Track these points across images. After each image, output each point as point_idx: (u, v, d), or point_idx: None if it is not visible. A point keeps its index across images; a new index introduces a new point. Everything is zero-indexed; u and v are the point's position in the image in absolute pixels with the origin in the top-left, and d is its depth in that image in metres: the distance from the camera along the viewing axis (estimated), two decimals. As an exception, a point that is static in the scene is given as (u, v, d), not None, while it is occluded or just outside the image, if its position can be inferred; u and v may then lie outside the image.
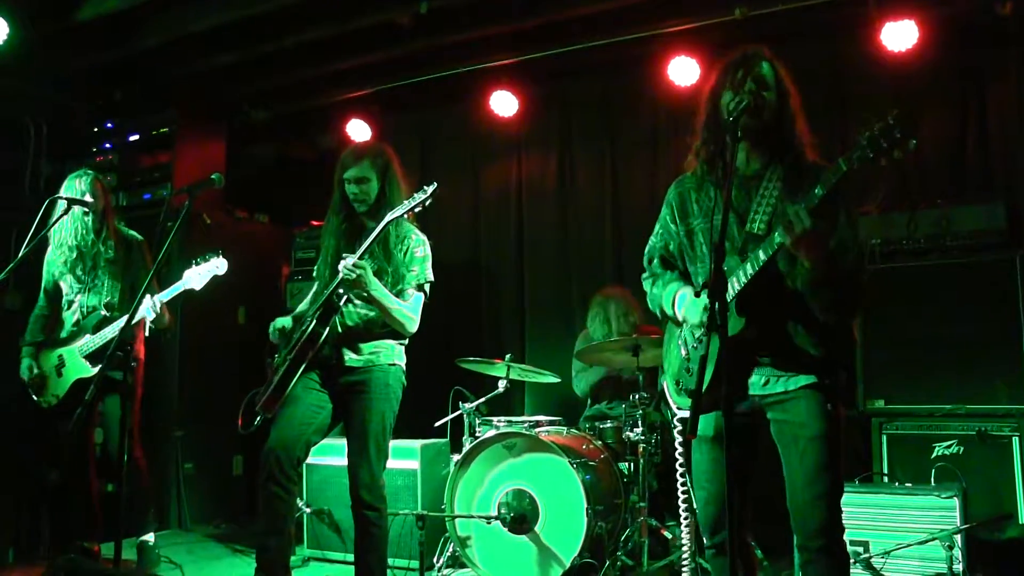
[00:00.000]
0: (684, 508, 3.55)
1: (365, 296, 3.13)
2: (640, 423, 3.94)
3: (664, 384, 2.60)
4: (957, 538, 3.27)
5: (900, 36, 4.45)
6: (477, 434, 4.14)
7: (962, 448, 3.84)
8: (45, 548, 4.57)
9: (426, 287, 3.32)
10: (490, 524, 3.92)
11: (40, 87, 5.43)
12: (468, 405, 4.29)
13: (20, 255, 3.44)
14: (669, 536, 4.05)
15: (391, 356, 3.29)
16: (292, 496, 3.18)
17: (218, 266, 3.66)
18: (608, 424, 4.31)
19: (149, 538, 4.13)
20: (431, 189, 3.09)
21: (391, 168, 3.33)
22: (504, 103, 5.53)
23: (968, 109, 4.68)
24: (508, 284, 5.91)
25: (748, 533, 2.51)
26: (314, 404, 3.23)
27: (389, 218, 3.12)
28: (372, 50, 5.27)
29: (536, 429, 4.04)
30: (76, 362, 3.91)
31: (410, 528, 4.01)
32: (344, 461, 3.25)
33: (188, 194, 3.15)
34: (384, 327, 3.25)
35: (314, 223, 5.53)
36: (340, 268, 3.06)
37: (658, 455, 4.09)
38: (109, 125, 5.81)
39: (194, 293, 3.70)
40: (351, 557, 3.40)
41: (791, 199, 2.22)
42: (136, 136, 5.69)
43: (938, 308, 3.96)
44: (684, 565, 3.52)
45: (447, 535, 4.10)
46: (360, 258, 3.07)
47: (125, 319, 3.14)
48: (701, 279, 2.45)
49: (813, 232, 2.07)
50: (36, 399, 4.03)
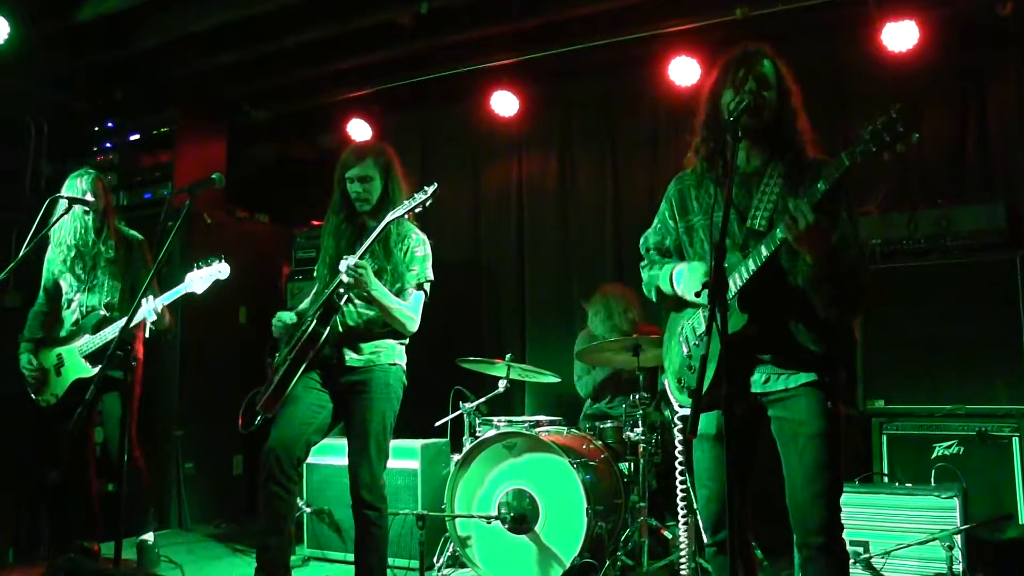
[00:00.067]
0: (683, 507, 3.55)
1: (365, 296, 3.12)
2: (640, 423, 3.94)
3: (666, 382, 2.60)
4: (957, 538, 3.27)
5: (900, 36, 4.46)
6: (477, 434, 4.15)
7: (962, 448, 3.85)
8: (45, 548, 4.57)
9: (426, 286, 3.32)
10: (490, 524, 3.92)
11: (41, 87, 5.43)
12: (468, 405, 4.30)
13: (20, 255, 3.45)
14: (669, 536, 4.04)
15: (392, 356, 3.29)
16: (292, 496, 3.18)
17: (220, 271, 3.65)
18: (608, 424, 4.32)
19: (149, 537, 4.13)
20: (432, 189, 3.09)
21: (393, 167, 3.34)
22: (505, 103, 5.53)
23: (968, 109, 4.68)
24: (509, 284, 5.91)
25: (748, 532, 2.51)
26: (315, 404, 3.22)
27: (390, 218, 3.12)
28: (372, 50, 5.28)
29: (536, 429, 4.04)
30: (75, 362, 3.91)
31: (410, 528, 4.01)
32: (344, 461, 3.25)
33: (189, 194, 3.15)
34: (384, 327, 3.24)
35: (314, 223, 5.53)
36: (341, 268, 3.05)
37: (658, 455, 4.09)
38: (110, 125, 5.82)
39: (195, 296, 3.70)
40: (351, 557, 3.39)
41: (793, 195, 2.22)
42: (137, 136, 5.70)
43: (938, 308, 3.96)
44: (682, 564, 3.51)
45: (447, 535, 4.10)
46: (361, 258, 3.07)
47: (125, 320, 3.14)
48: None
49: (815, 227, 2.07)
50: (35, 397, 4.03)
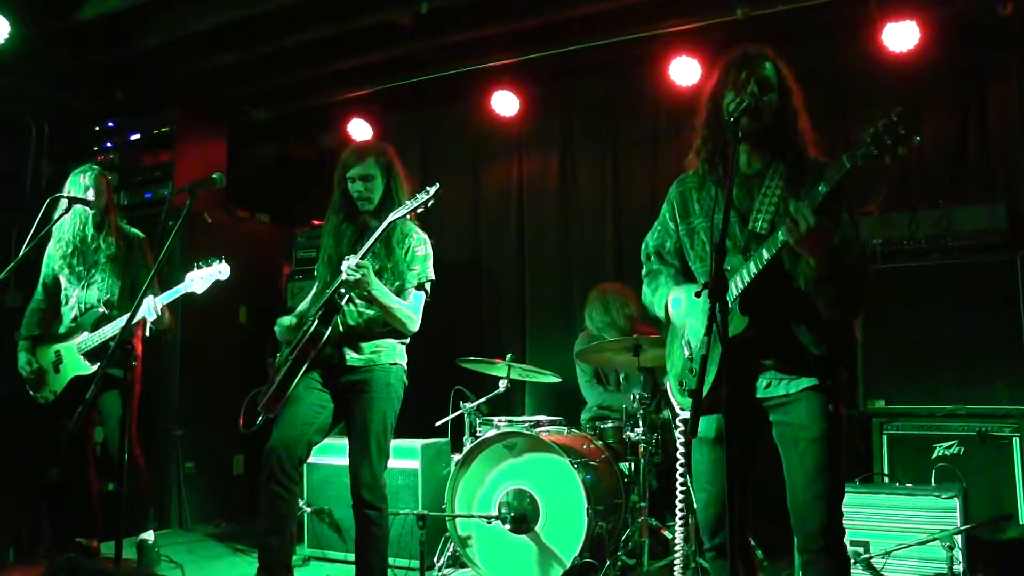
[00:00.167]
0: (680, 510, 3.55)
1: (366, 296, 3.12)
2: (640, 423, 3.95)
3: (667, 385, 2.60)
4: (957, 538, 3.26)
5: (901, 36, 4.46)
6: (478, 434, 4.14)
7: (962, 448, 3.85)
8: (45, 547, 4.57)
9: (427, 286, 3.32)
10: (491, 524, 3.92)
11: (41, 86, 5.43)
12: (469, 405, 4.29)
13: (21, 254, 3.45)
14: (669, 536, 4.04)
15: (392, 355, 3.29)
16: (293, 496, 3.19)
17: (221, 271, 3.65)
18: (608, 424, 4.31)
19: (148, 536, 4.13)
20: (433, 190, 3.09)
21: (395, 166, 3.34)
22: (505, 103, 5.53)
23: (969, 109, 4.68)
24: (509, 284, 5.91)
25: (748, 533, 2.50)
26: (316, 404, 3.23)
27: (392, 218, 3.12)
28: (373, 50, 5.28)
29: (537, 429, 4.03)
30: (74, 359, 3.91)
31: (411, 528, 4.01)
32: (345, 460, 3.25)
33: (189, 193, 3.15)
34: (385, 326, 3.24)
35: (315, 223, 5.54)
36: (342, 268, 3.05)
37: (659, 455, 4.09)
38: (110, 124, 5.82)
39: (195, 295, 3.70)
40: (352, 556, 3.40)
41: (794, 197, 2.21)
42: (137, 135, 5.70)
43: (939, 308, 3.96)
44: (675, 566, 3.51)
45: (447, 535, 4.10)
46: (362, 258, 3.07)
47: (125, 319, 3.14)
48: (703, 279, 2.44)
49: (817, 229, 2.06)
50: (33, 394, 4.03)
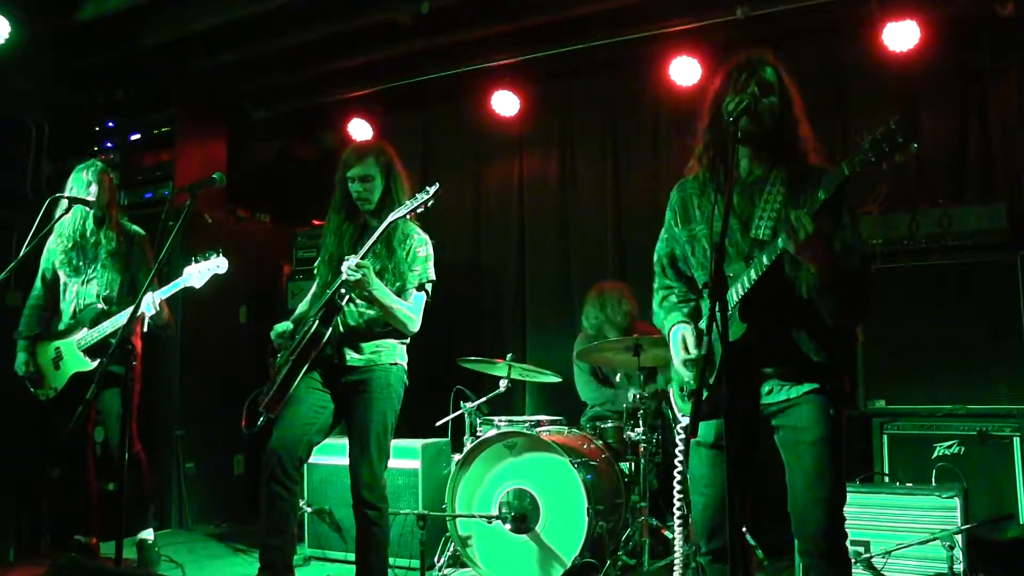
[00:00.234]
0: (678, 516, 3.53)
1: (367, 296, 3.12)
2: (640, 423, 3.95)
3: (669, 390, 2.60)
4: (958, 538, 3.26)
5: (901, 36, 4.45)
6: (478, 433, 4.15)
7: (963, 448, 3.85)
8: (46, 547, 4.57)
9: (428, 286, 3.31)
10: (491, 524, 3.93)
11: (41, 86, 5.42)
12: (469, 404, 4.29)
13: (21, 254, 3.45)
14: (670, 536, 4.04)
15: (393, 355, 3.29)
16: (294, 496, 3.19)
17: (219, 265, 3.64)
18: (609, 424, 4.32)
19: (148, 536, 4.13)
20: (433, 189, 3.09)
21: (395, 166, 3.33)
22: (505, 103, 5.53)
23: (969, 109, 4.68)
24: (509, 283, 5.91)
25: (745, 536, 2.50)
26: (316, 404, 3.23)
27: (391, 218, 3.12)
28: (373, 49, 5.28)
29: (537, 428, 4.03)
30: (74, 355, 3.91)
31: (411, 527, 4.01)
32: (345, 460, 3.25)
33: (190, 193, 3.14)
34: (385, 326, 3.24)
35: (315, 222, 5.54)
36: (343, 268, 3.05)
37: (659, 455, 4.09)
38: (110, 124, 5.81)
39: (195, 292, 3.69)
40: (352, 556, 3.40)
41: (795, 203, 2.20)
42: (137, 135, 5.69)
43: (939, 308, 3.97)
44: (676, 566, 3.51)
45: (448, 534, 4.10)
46: (363, 258, 3.07)
47: (126, 317, 3.14)
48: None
49: (816, 237, 2.05)
50: (34, 391, 4.03)
